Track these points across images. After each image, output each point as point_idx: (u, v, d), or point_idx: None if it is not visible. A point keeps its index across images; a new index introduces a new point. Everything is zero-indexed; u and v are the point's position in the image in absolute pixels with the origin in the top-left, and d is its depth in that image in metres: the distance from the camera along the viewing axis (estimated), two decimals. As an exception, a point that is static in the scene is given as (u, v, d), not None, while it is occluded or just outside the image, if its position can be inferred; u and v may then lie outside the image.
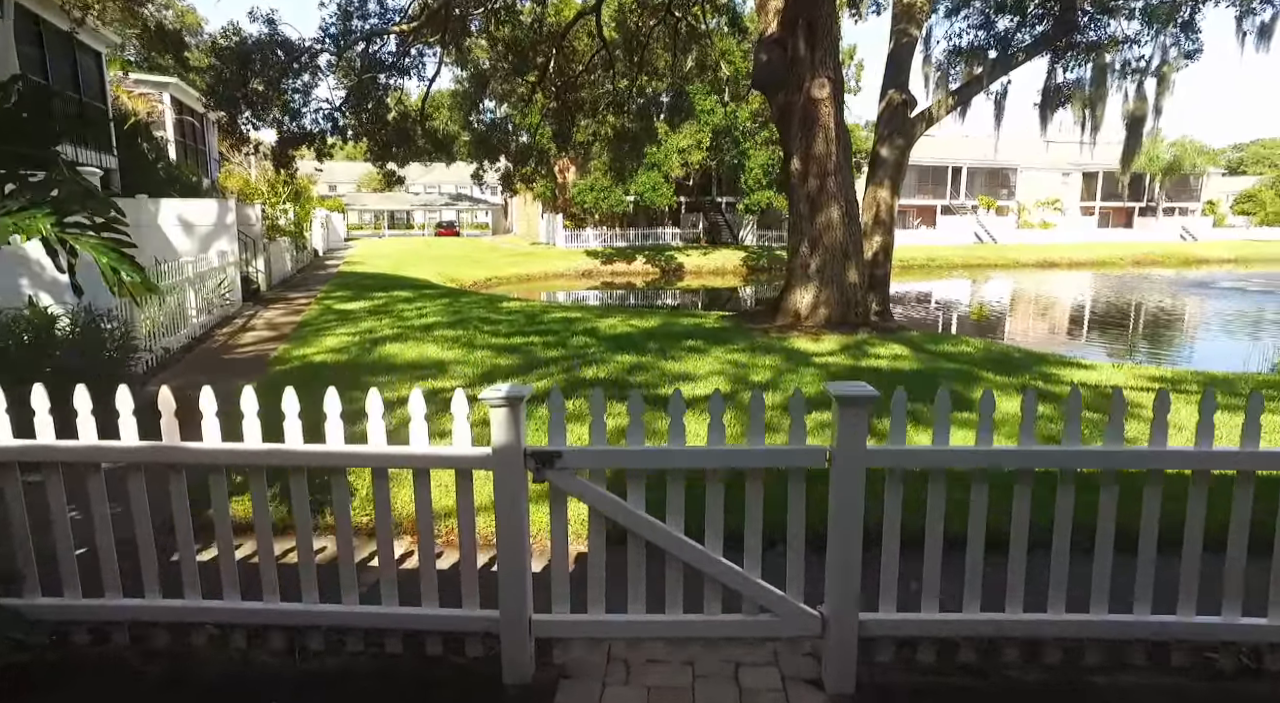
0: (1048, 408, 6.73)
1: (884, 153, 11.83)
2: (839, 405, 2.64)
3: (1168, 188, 51.66)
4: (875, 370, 8.37)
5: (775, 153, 33.32)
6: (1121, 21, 10.76)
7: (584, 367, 8.11)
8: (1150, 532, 2.80)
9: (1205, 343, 16.58)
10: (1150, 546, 2.81)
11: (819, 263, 11.04)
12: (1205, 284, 29.43)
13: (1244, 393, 7.47)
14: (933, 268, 37.65)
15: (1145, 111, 11.35)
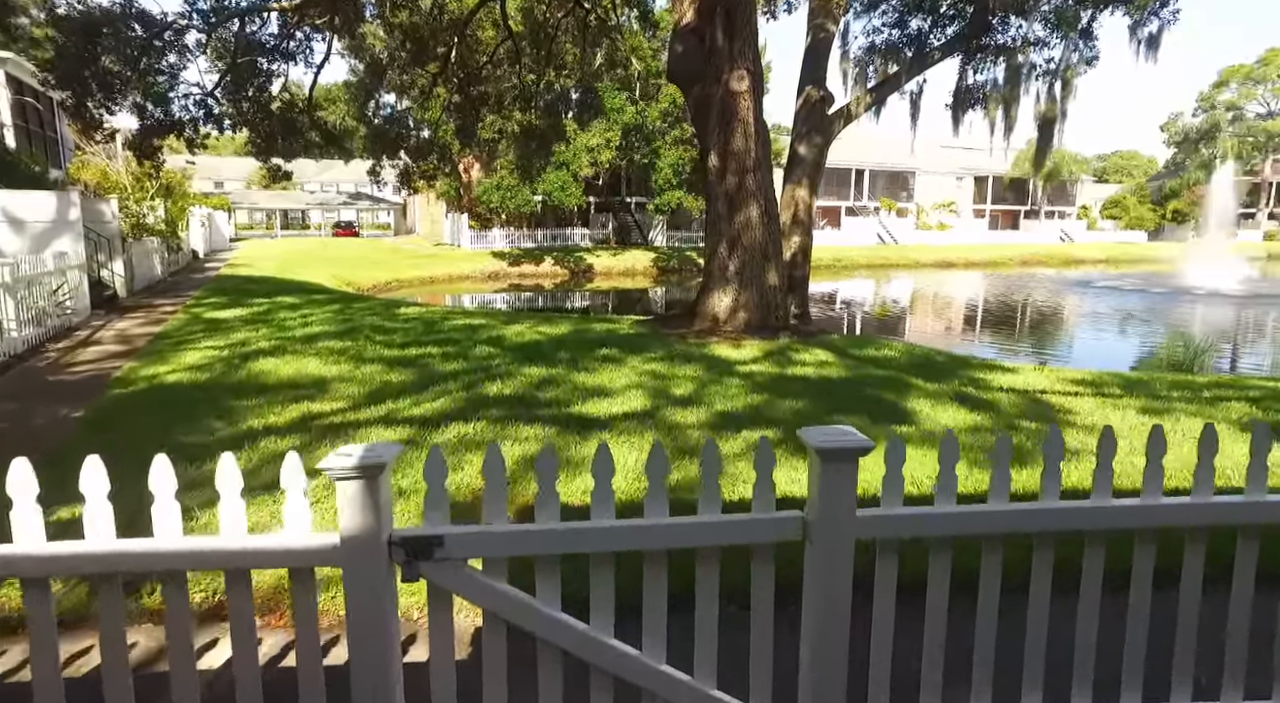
0: (983, 418, 6.40)
1: (802, 151, 11.49)
2: (820, 460, 1.98)
3: (1049, 193, 54.85)
4: (803, 379, 7.90)
5: (686, 152, 33.08)
6: (1032, 25, 10.83)
7: (487, 382, 7.26)
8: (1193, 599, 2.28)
9: (1098, 340, 17.22)
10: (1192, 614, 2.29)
11: (738, 264, 10.56)
12: (1086, 283, 31.07)
13: (1162, 394, 7.43)
14: (840, 268, 38.41)
15: (1055, 113, 11.49)
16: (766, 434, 5.70)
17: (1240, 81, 58.09)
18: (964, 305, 25.80)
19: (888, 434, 5.90)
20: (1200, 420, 6.29)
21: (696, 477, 4.91)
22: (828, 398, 7.01)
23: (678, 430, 5.83)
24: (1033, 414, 6.50)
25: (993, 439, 5.73)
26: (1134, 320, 20.60)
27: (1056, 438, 2.17)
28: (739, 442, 5.59)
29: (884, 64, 11.94)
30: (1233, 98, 58.62)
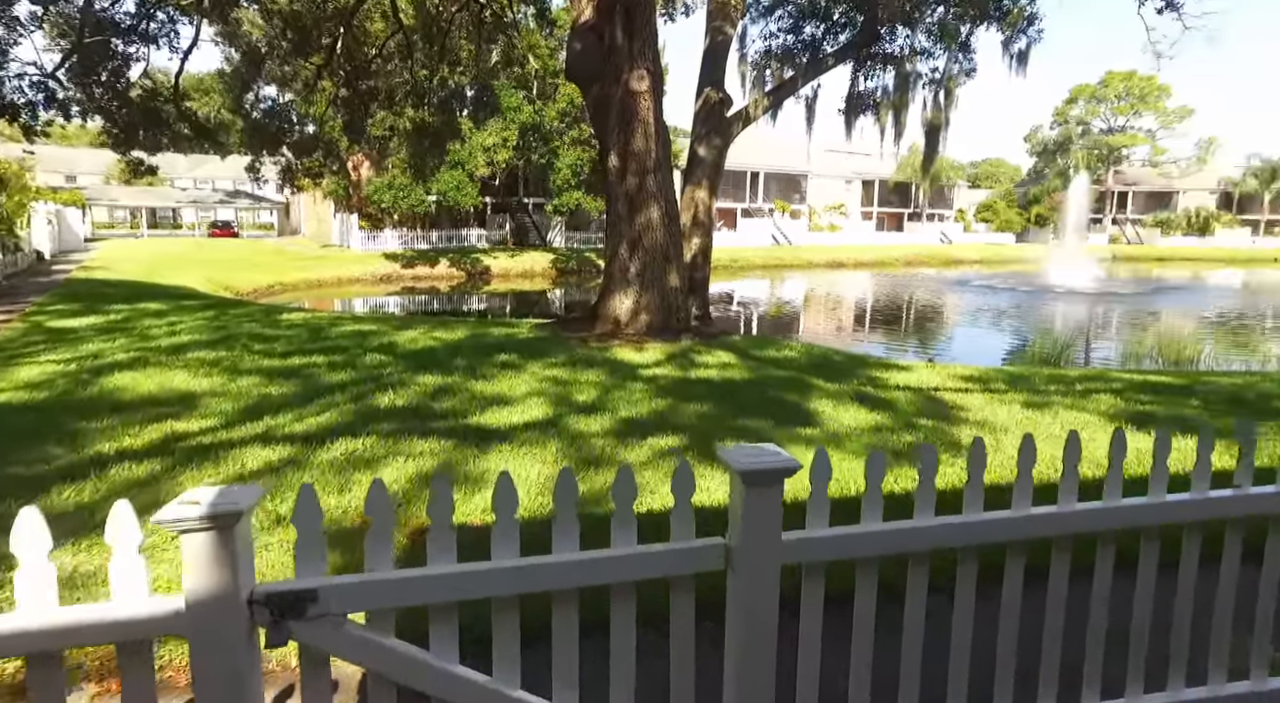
0: (883, 417, 6.53)
1: (702, 152, 11.52)
2: (743, 484, 1.83)
3: (930, 197, 58.07)
4: (706, 381, 7.85)
5: (585, 153, 32.86)
6: (917, 36, 11.31)
7: (378, 393, 6.80)
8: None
9: (978, 336, 18.25)
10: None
11: (639, 266, 10.45)
12: (965, 282, 33.05)
13: (1041, 389, 7.84)
14: (737, 269, 39.21)
15: (941, 120, 12.03)
16: (673, 441, 5.59)
17: (1086, 99, 63.47)
18: (857, 305, 26.86)
19: (793, 437, 5.93)
20: (1076, 414, 6.65)
21: (604, 488, 4.72)
22: (732, 401, 6.98)
23: (582, 440, 5.62)
24: (930, 412, 6.68)
25: (896, 439, 5.84)
26: (1007, 317, 22.01)
27: (980, 451, 2.12)
28: (645, 449, 5.44)
29: (780, 68, 12.18)
30: (1081, 114, 63.98)
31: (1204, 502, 2.27)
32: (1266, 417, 6.63)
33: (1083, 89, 63.19)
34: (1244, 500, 2.34)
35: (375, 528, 1.72)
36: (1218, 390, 7.75)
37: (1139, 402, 7.08)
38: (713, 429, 6.00)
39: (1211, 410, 6.81)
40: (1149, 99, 60.33)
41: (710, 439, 5.71)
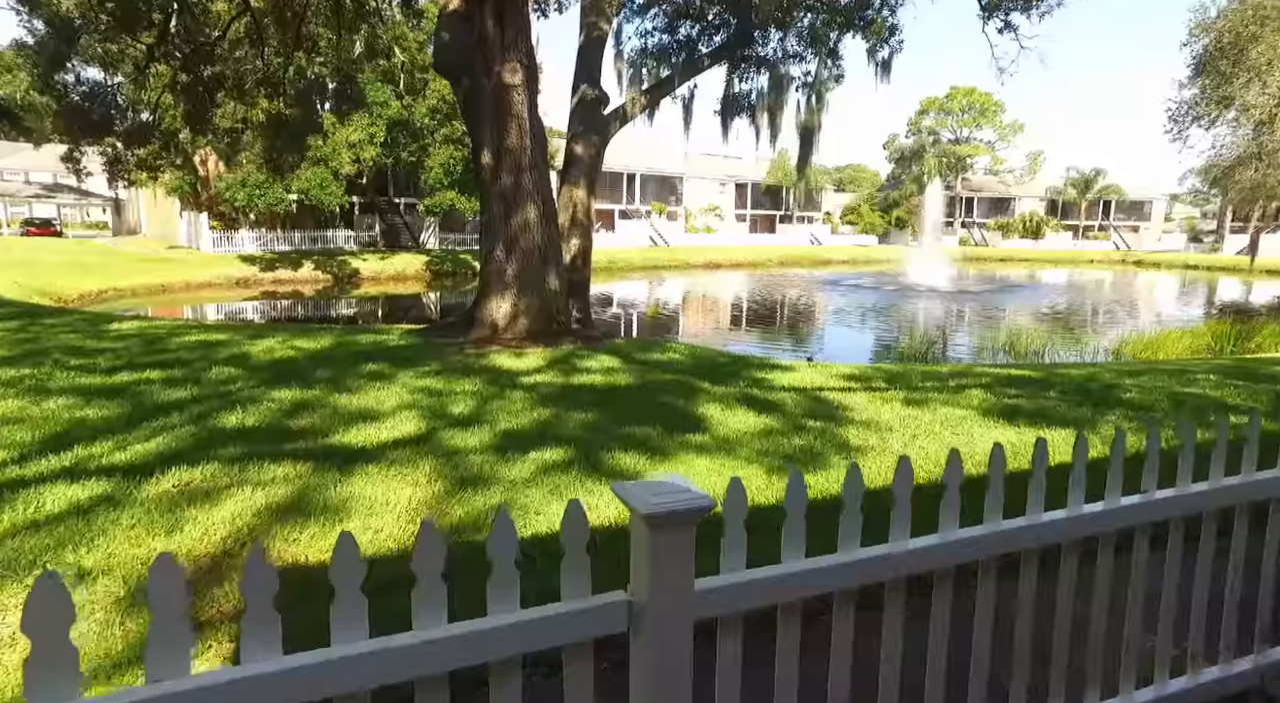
0: (772, 419, 6.44)
1: (579, 150, 11.19)
2: (649, 529, 1.50)
3: (800, 200, 60.51)
4: (591, 388, 7.53)
5: (457, 152, 31.70)
6: (789, 40, 11.50)
7: (225, 412, 6.02)
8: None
9: (853, 333, 18.99)
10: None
11: (517, 268, 9.99)
12: (836, 282, 34.55)
13: (918, 385, 8.07)
14: (616, 270, 39.17)
15: (815, 124, 12.30)
16: (558, 454, 5.22)
17: (935, 111, 68.33)
18: (736, 305, 27.40)
19: (684, 444, 5.71)
20: (953, 409, 6.84)
21: (483, 511, 4.29)
22: (618, 407, 6.69)
23: (459, 456, 5.15)
24: (817, 413, 6.66)
25: (787, 443, 5.73)
26: (877, 315, 23.10)
27: (905, 472, 1.89)
28: (529, 465, 5.05)
29: (657, 67, 12.05)
30: (931, 124, 68.81)
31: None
32: (1112, 406, 7.07)
33: (932, 102, 67.93)
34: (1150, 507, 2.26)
35: (160, 618, 1.26)
36: (1069, 382, 8.24)
37: (1006, 396, 7.38)
38: (600, 439, 5.68)
39: (1068, 402, 7.19)
40: (988, 113, 65.74)
41: (598, 450, 5.38)
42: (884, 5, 11.44)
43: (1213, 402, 7.26)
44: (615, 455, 5.29)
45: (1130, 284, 39.74)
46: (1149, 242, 62.25)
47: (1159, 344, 14.97)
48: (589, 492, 4.62)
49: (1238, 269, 43.32)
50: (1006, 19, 12.83)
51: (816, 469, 5.14)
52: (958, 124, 67.91)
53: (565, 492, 4.58)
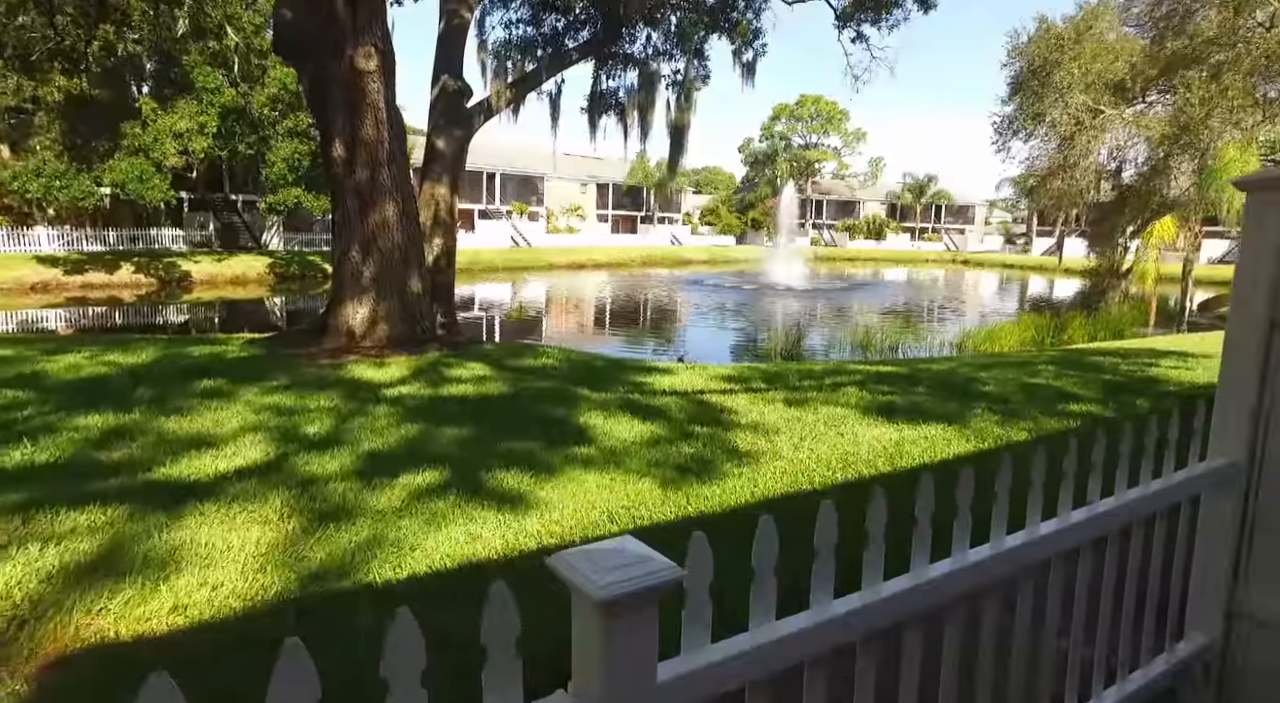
0: (658, 427, 6.19)
1: (441, 145, 10.48)
2: (603, 618, 1.13)
3: (660, 201, 61.42)
4: (462, 399, 6.98)
5: (304, 146, 29.39)
6: (656, 39, 11.38)
7: (7, 447, 4.98)
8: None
9: (721, 333, 19.28)
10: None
11: (375, 270, 9.19)
12: (699, 281, 35.21)
13: (796, 384, 8.14)
14: (478, 271, 37.94)
15: (685, 123, 12.24)
16: (431, 477, 4.69)
17: (787, 117, 71.66)
18: (604, 306, 27.21)
19: (570, 458, 5.33)
20: (833, 408, 6.89)
21: (349, 550, 3.72)
22: (494, 420, 6.21)
23: (316, 485, 4.50)
24: (702, 418, 6.48)
25: (676, 451, 5.49)
26: (742, 313, 23.67)
27: (880, 506, 1.63)
28: (399, 490, 4.49)
29: (522, 60, 11.54)
30: (783, 130, 72.11)
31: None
32: (975, 398, 7.41)
33: (783, 108, 71.12)
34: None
35: None
36: (933, 377, 8.61)
37: (880, 393, 7.56)
38: (478, 457, 5.19)
39: (936, 396, 7.46)
40: (834, 121, 69.71)
41: (477, 469, 4.90)
42: (748, 8, 11.61)
43: (1057, 391, 7.79)
44: (497, 475, 4.83)
45: (962, 281, 43.39)
46: (973, 243, 68.42)
47: (995, 337, 16.21)
48: (471, 518, 4.15)
49: (1045, 268, 48.41)
50: (859, 30, 13.40)
51: (711, 479, 4.93)
52: (807, 130, 71.51)
53: (444, 520, 4.09)
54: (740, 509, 4.48)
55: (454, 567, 3.61)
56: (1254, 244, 2.51)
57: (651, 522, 4.22)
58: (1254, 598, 2.59)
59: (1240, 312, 2.56)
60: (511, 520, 4.16)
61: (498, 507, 4.34)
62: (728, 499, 4.61)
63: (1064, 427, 6.32)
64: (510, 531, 4.02)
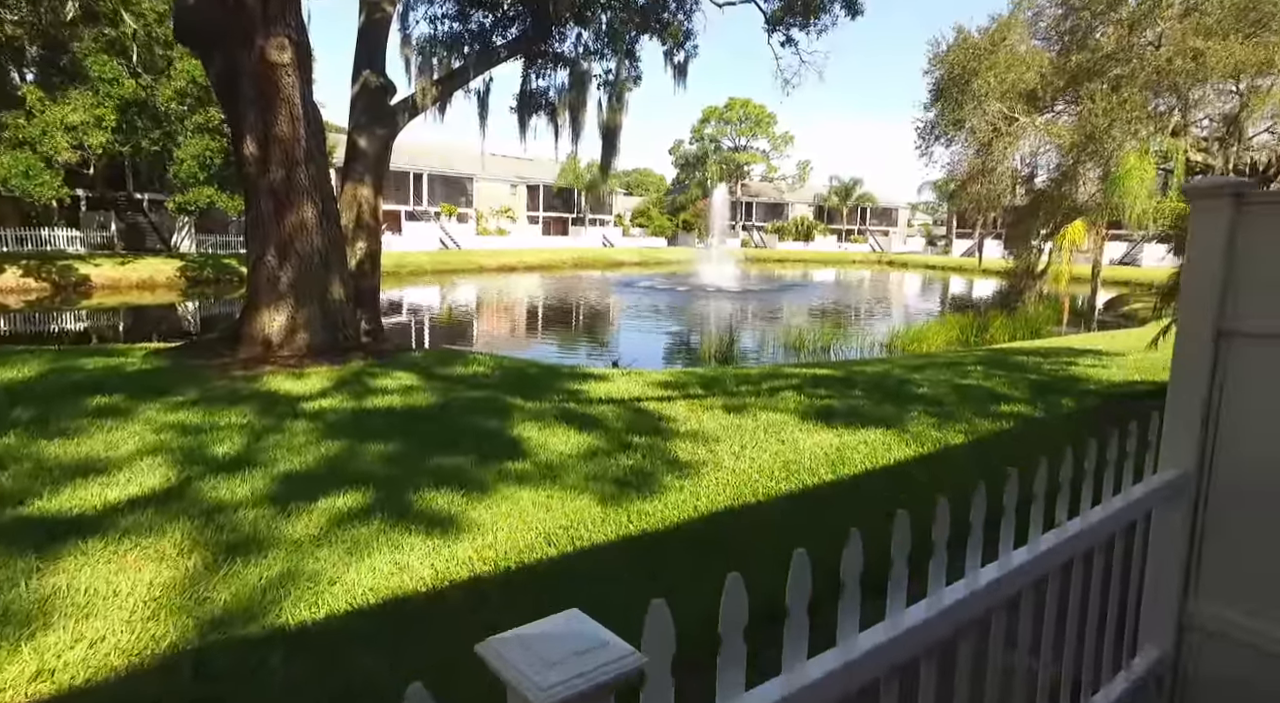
0: (595, 438, 5.98)
1: (363, 144, 9.97)
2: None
3: (591, 203, 61.13)
4: (388, 411, 6.61)
5: (214, 142, 27.88)
6: (587, 38, 11.15)
7: None
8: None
9: (656, 336, 19.17)
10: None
11: (293, 275, 8.68)
12: (631, 283, 35.11)
13: (734, 390, 8.04)
14: (406, 275, 36.90)
15: (617, 123, 12.04)
16: (354, 500, 4.36)
17: (716, 120, 72.44)
18: (536, 309, 26.77)
19: (504, 474, 5.05)
20: (772, 414, 6.81)
21: (256, 588, 3.37)
22: (423, 434, 5.89)
23: (224, 513, 4.12)
24: (641, 427, 6.31)
25: (616, 464, 5.29)
26: (676, 316, 23.65)
27: (855, 551, 1.47)
28: (318, 516, 4.16)
29: (449, 57, 11.11)
30: (713, 132, 72.86)
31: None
32: (911, 401, 7.47)
33: (713, 111, 71.85)
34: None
35: None
36: (867, 380, 8.67)
37: (817, 397, 7.54)
38: (405, 475, 4.88)
39: (872, 399, 7.50)
40: (762, 124, 70.88)
41: (404, 490, 4.59)
42: (679, 9, 11.51)
43: (987, 392, 7.94)
44: (425, 495, 4.53)
45: (888, 282, 44.64)
46: (897, 244, 70.63)
47: (922, 336, 16.63)
48: (398, 545, 3.86)
49: (965, 268, 50.33)
50: (788, 34, 13.50)
51: (652, 493, 4.75)
52: (736, 133, 72.43)
53: (368, 549, 3.78)
54: (684, 525, 4.32)
55: (378, 602, 3.32)
56: (1199, 253, 2.49)
57: (591, 543, 4.00)
58: (1204, 609, 2.57)
59: (1188, 321, 2.53)
60: (442, 546, 3.88)
61: (427, 531, 4.05)
62: (670, 515, 4.44)
63: (998, 428, 6.42)
64: (440, 558, 3.75)
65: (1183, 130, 23.53)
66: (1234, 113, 23.07)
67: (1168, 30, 20.84)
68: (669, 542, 4.07)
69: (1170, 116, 23.62)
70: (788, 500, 4.73)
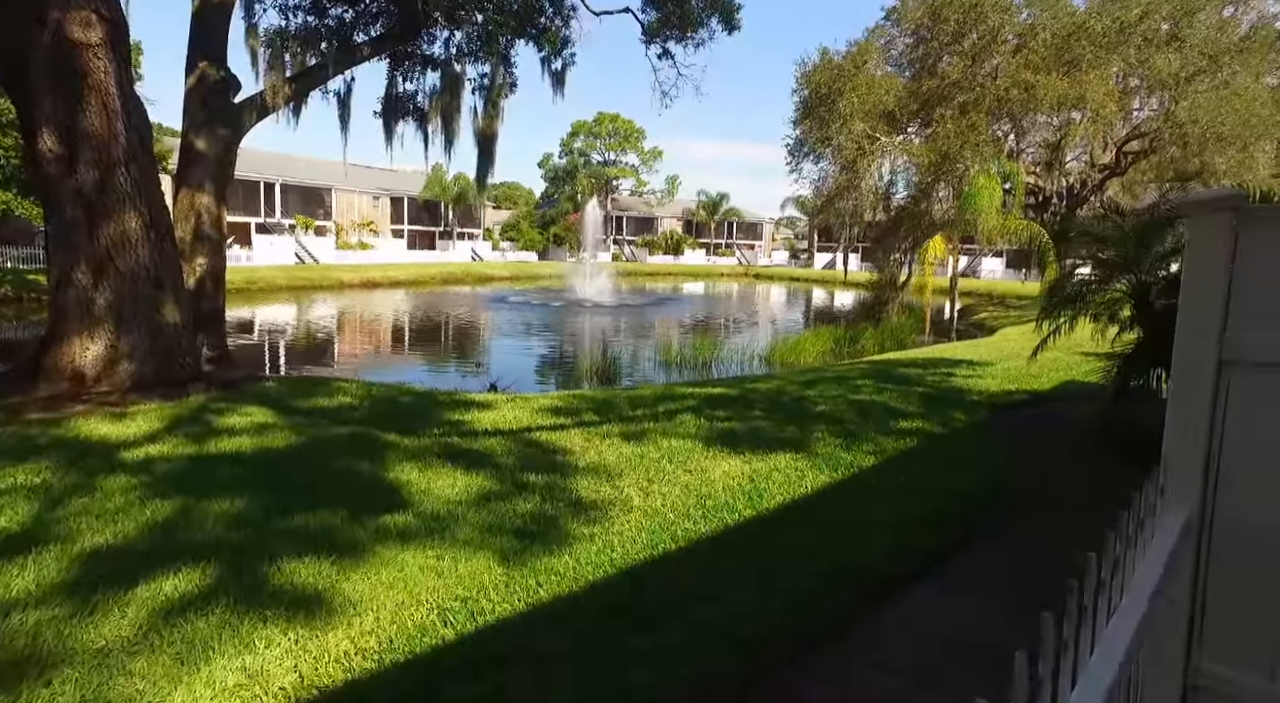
0: (486, 478, 5.29)
1: (202, 146, 8.68)
2: None
3: (459, 215, 59.23)
4: (236, 457, 5.61)
5: (6, 139, 24.25)
6: (460, 40, 10.37)
7: None
8: None
9: (535, 356, 18.40)
10: None
11: (112, 295, 7.35)
12: (503, 299, 34.03)
13: (630, 414, 7.54)
14: (257, 292, 33.94)
15: (494, 131, 11.28)
16: (188, 582, 3.48)
17: (585, 134, 72.45)
18: (404, 328, 25.19)
19: (382, 533, 4.24)
20: (674, 440, 6.38)
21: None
22: (281, 485, 4.98)
23: None
24: (535, 463, 5.68)
25: (512, 509, 4.64)
26: (553, 332, 22.96)
27: None
28: (136, 610, 3.26)
29: (304, 52, 9.97)
30: (583, 146, 72.79)
31: None
32: (812, 420, 7.28)
33: (582, 125, 71.76)
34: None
35: None
36: (763, 397, 8.45)
37: (717, 419, 7.19)
38: (258, 541, 4.01)
39: (773, 420, 7.24)
40: (631, 139, 71.52)
41: (257, 561, 3.75)
42: (556, 14, 10.99)
43: (883, 407, 7.91)
44: (285, 567, 3.71)
45: (757, 294, 45.95)
46: (763, 258, 73.20)
47: (799, 348, 16.90)
48: (248, 643, 3.05)
49: (828, 281, 52.77)
50: (665, 46, 13.32)
51: (559, 545, 4.16)
52: (605, 147, 72.72)
53: (206, 651, 2.95)
54: (600, 585, 3.76)
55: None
56: (1198, 275, 2.24)
57: (497, 618, 3.36)
58: (1212, 669, 2.31)
59: (1186, 350, 2.27)
60: (308, 638, 3.11)
61: (287, 617, 3.26)
62: (584, 572, 3.86)
63: (904, 446, 6.30)
64: (307, 655, 2.99)
65: (1017, 154, 25.71)
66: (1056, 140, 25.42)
67: (1003, 64, 22.72)
68: (587, 607, 3.49)
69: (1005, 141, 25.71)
70: (710, 544, 4.28)
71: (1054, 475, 5.84)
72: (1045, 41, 21.92)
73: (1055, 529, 4.68)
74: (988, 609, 3.63)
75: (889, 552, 4.19)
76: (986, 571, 4.11)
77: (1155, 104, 24.23)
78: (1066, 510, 5.04)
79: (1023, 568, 4.09)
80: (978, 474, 5.60)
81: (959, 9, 21.64)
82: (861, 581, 3.84)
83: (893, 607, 3.64)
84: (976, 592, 3.82)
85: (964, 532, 4.58)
